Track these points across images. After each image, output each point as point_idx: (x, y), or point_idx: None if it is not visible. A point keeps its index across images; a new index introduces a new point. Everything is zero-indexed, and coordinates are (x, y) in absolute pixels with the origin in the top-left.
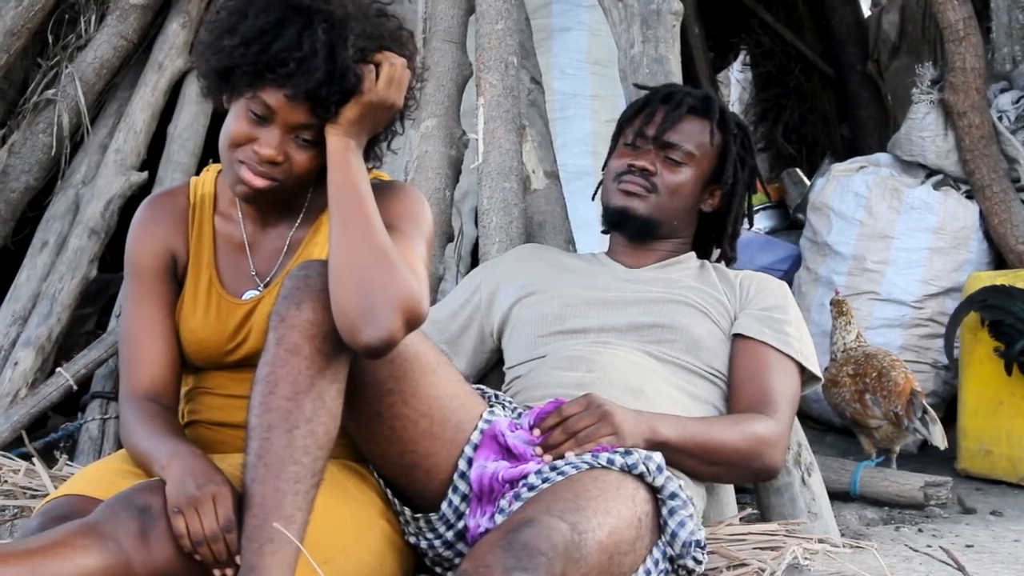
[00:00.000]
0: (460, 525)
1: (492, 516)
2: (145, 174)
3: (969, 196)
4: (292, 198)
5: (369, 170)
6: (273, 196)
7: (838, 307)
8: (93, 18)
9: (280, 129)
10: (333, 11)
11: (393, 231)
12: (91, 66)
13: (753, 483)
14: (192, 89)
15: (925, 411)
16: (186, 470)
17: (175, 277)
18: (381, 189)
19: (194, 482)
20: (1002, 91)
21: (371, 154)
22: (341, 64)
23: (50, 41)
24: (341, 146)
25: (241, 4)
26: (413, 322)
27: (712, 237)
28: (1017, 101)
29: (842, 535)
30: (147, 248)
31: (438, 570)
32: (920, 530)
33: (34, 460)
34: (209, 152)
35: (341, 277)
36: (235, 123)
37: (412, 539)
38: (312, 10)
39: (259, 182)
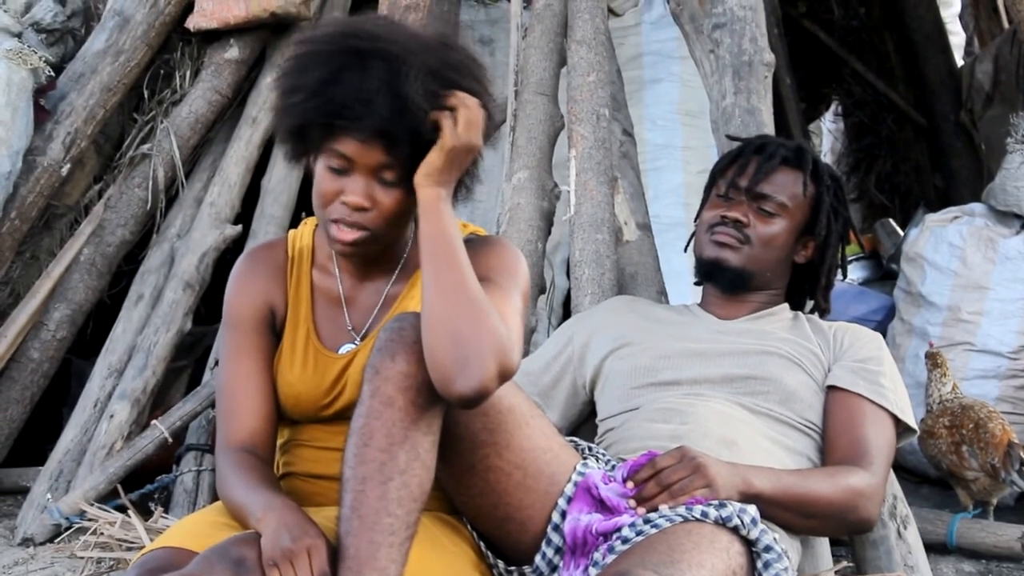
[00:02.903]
0: None
1: (586, 569)
2: (239, 227)
3: None
4: (389, 251)
5: (464, 225)
6: (369, 248)
7: (933, 359)
8: (188, 73)
9: (362, 175)
10: (389, 48)
11: (487, 283)
12: (186, 121)
13: (848, 536)
14: None
15: (1022, 463)
16: (281, 523)
17: (273, 330)
18: (477, 243)
19: (289, 535)
20: None
21: (459, 190)
22: (405, 98)
23: (146, 96)
24: (432, 196)
25: (300, 62)
26: (505, 373)
27: (805, 288)
28: None
29: None
30: (246, 301)
31: None
32: None
33: (130, 512)
34: (303, 205)
35: (433, 327)
36: (321, 182)
37: None
38: (368, 52)
39: (349, 236)
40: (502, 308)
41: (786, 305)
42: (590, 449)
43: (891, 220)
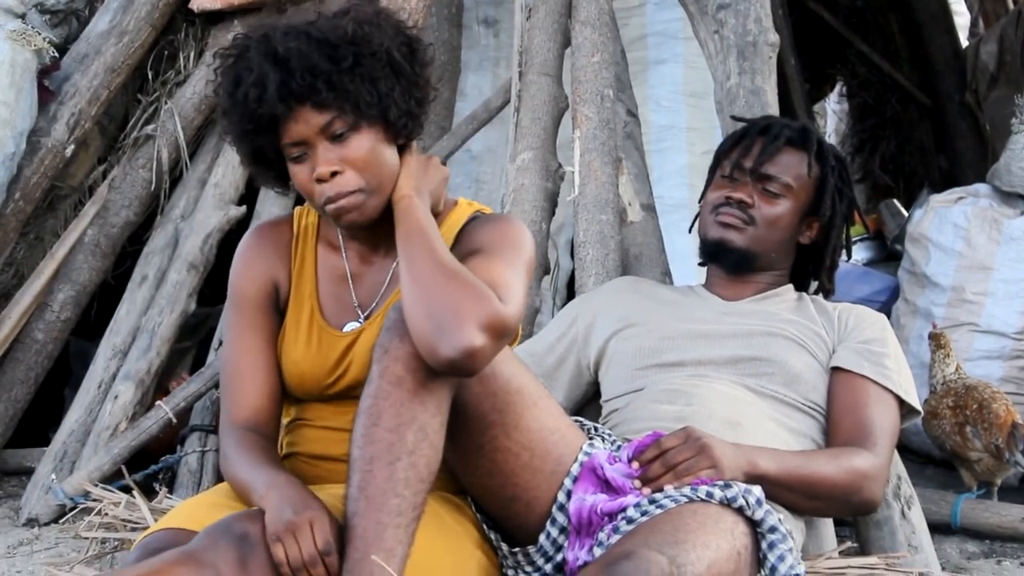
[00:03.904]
0: (559, 558)
1: (591, 549)
2: (243, 208)
3: None
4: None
5: (455, 203)
6: (371, 209)
7: (936, 340)
8: (192, 54)
9: (317, 145)
10: (257, 33)
11: (482, 254)
12: (190, 101)
13: (852, 516)
14: None
15: None
16: (284, 498)
17: (277, 308)
18: (482, 220)
19: (291, 508)
20: None
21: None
22: (287, 56)
23: (150, 77)
24: (404, 203)
25: (219, 98)
26: (493, 329)
27: (810, 269)
28: None
29: (943, 569)
30: (250, 279)
31: None
32: (1022, 563)
33: (134, 493)
34: None
35: (411, 305)
36: (297, 177)
37: (510, 572)
38: (244, 48)
39: (343, 203)
40: (493, 271)
41: (791, 286)
42: (596, 429)
43: (895, 201)
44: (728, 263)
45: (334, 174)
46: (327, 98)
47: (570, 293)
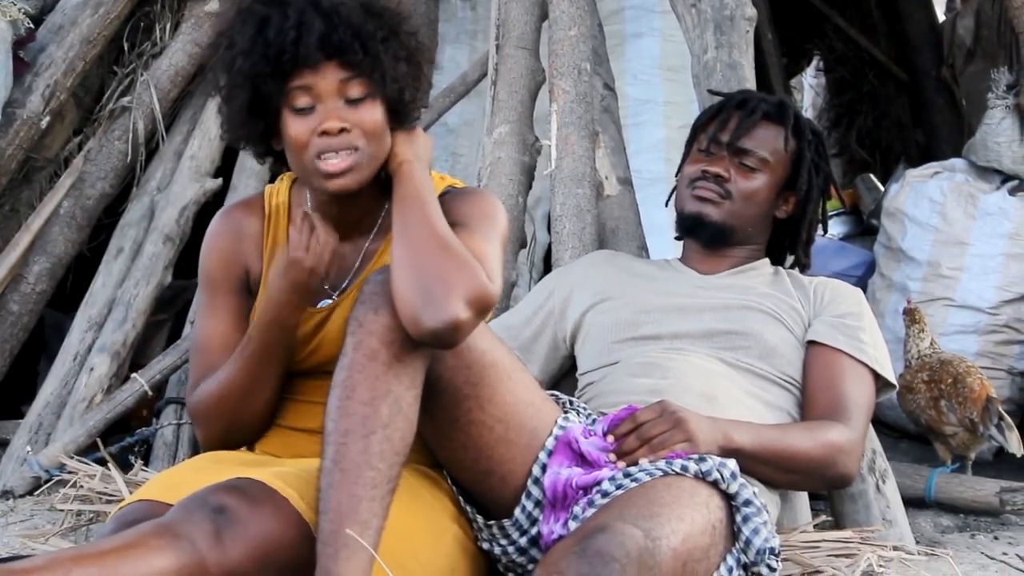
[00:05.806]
0: (534, 531)
1: (566, 522)
2: (219, 181)
3: None
4: (368, 208)
5: (441, 178)
6: (361, 177)
7: (911, 315)
8: (168, 26)
9: (330, 101)
10: None
11: (462, 227)
12: (166, 73)
13: (827, 490)
14: None
15: (1001, 418)
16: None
17: (247, 289)
18: (456, 194)
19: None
20: None
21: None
22: (334, 8)
23: (126, 49)
24: (405, 168)
25: (225, 34)
26: (478, 304)
27: (786, 243)
28: None
29: (917, 542)
30: (219, 262)
31: None
32: (996, 538)
33: (109, 465)
34: (284, 158)
35: (398, 268)
36: (291, 128)
37: (486, 545)
38: None
39: (342, 163)
40: (475, 246)
41: (767, 260)
42: (571, 403)
43: (872, 175)
44: (704, 237)
45: (342, 131)
46: (360, 60)
47: (547, 267)
